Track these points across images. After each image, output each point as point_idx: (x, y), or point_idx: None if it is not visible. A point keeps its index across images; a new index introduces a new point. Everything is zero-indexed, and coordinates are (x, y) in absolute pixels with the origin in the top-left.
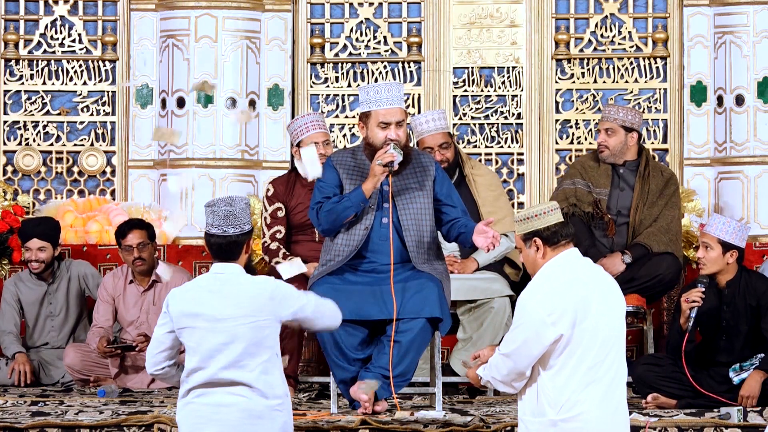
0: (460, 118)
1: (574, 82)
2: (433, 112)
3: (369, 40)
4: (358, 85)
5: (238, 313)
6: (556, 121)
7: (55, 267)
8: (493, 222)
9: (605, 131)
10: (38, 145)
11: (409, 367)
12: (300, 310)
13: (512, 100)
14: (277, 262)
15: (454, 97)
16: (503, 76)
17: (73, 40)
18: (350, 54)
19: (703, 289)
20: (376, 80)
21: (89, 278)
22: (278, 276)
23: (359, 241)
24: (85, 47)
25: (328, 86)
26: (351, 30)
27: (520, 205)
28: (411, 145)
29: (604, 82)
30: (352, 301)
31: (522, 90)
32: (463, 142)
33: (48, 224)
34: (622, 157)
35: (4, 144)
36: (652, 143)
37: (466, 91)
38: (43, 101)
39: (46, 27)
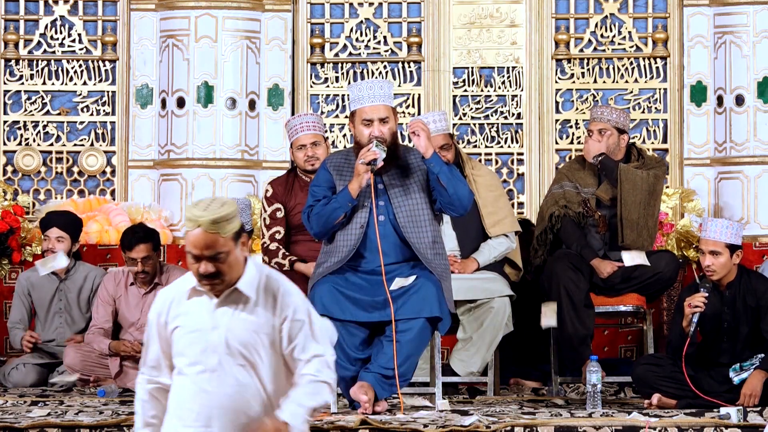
0: (460, 118)
1: (574, 82)
2: (433, 113)
3: (369, 40)
4: None
5: None
6: (556, 121)
7: (71, 264)
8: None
9: (598, 131)
10: (38, 145)
11: (409, 367)
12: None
13: (512, 100)
14: (277, 263)
15: (454, 97)
16: (503, 76)
17: (73, 40)
18: (350, 54)
19: (707, 294)
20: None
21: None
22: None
23: (356, 239)
24: (85, 47)
25: (328, 86)
26: (351, 30)
27: (520, 204)
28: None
29: (604, 82)
30: (352, 303)
31: (522, 90)
32: (463, 142)
33: (70, 217)
34: (614, 158)
35: (4, 144)
36: (652, 143)
37: (466, 91)
38: (43, 101)
39: (46, 27)
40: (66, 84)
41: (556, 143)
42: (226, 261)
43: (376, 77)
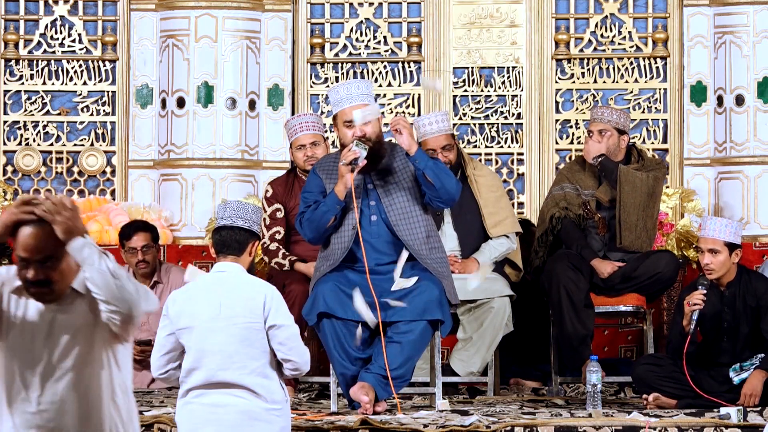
0: (460, 118)
1: (574, 82)
2: (435, 114)
3: (369, 40)
4: None
5: (233, 313)
6: (556, 121)
7: None
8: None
9: (598, 132)
10: (38, 145)
11: (409, 369)
12: (279, 328)
13: (512, 100)
14: (277, 263)
15: (454, 97)
16: (503, 76)
17: (73, 40)
18: (350, 54)
19: (705, 291)
20: (376, 80)
21: None
22: (278, 277)
23: (348, 241)
24: (85, 47)
25: (328, 86)
26: (351, 30)
27: (521, 205)
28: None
29: (604, 82)
30: (351, 301)
31: (522, 90)
32: (463, 142)
33: None
34: (614, 158)
35: (4, 144)
36: (652, 143)
37: (466, 91)
38: (43, 101)
39: (46, 27)
40: (66, 84)
41: (556, 143)
42: (57, 268)
43: (376, 77)
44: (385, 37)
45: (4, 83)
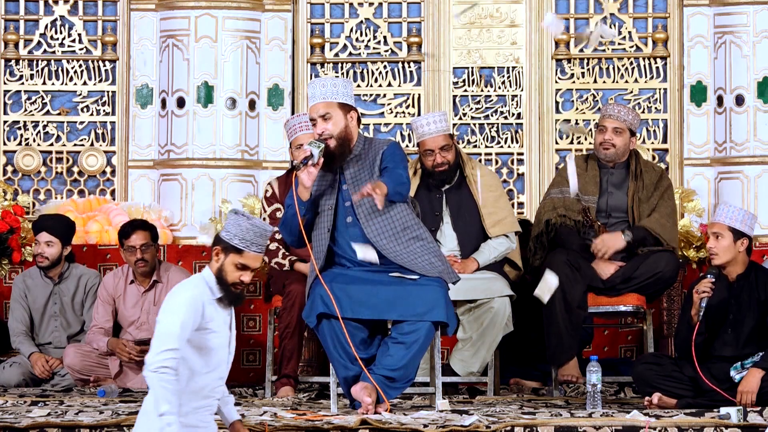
0: (460, 118)
1: (574, 82)
2: (434, 114)
3: (369, 40)
4: (358, 85)
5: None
6: (556, 121)
7: (63, 268)
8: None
9: (613, 130)
10: (38, 145)
11: (412, 369)
12: (156, 330)
13: (512, 100)
14: (277, 263)
15: (454, 97)
16: (503, 76)
17: (73, 40)
18: (350, 54)
19: (713, 280)
20: (376, 80)
21: (94, 291)
22: (278, 277)
23: (325, 242)
24: (85, 47)
25: None
26: (351, 30)
27: (520, 205)
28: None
29: (604, 82)
30: (351, 300)
31: (522, 90)
32: (463, 142)
33: (60, 221)
34: (621, 158)
35: (4, 144)
36: (652, 143)
37: (466, 91)
38: (43, 101)
39: (46, 27)
40: (66, 84)
41: (556, 143)
42: None
43: (376, 77)
44: (385, 37)
45: (4, 83)
